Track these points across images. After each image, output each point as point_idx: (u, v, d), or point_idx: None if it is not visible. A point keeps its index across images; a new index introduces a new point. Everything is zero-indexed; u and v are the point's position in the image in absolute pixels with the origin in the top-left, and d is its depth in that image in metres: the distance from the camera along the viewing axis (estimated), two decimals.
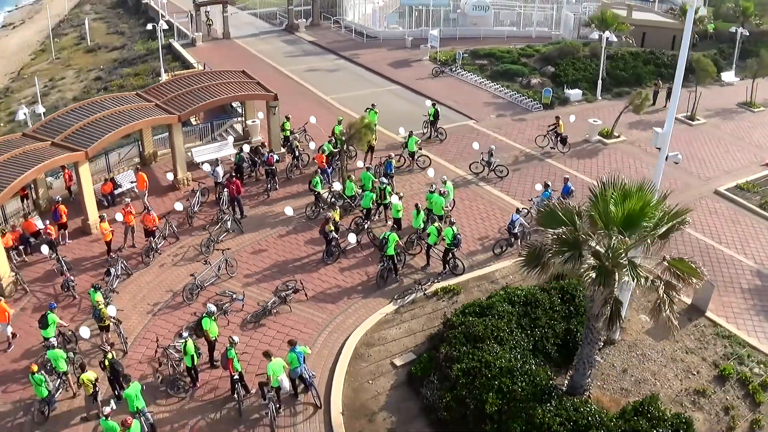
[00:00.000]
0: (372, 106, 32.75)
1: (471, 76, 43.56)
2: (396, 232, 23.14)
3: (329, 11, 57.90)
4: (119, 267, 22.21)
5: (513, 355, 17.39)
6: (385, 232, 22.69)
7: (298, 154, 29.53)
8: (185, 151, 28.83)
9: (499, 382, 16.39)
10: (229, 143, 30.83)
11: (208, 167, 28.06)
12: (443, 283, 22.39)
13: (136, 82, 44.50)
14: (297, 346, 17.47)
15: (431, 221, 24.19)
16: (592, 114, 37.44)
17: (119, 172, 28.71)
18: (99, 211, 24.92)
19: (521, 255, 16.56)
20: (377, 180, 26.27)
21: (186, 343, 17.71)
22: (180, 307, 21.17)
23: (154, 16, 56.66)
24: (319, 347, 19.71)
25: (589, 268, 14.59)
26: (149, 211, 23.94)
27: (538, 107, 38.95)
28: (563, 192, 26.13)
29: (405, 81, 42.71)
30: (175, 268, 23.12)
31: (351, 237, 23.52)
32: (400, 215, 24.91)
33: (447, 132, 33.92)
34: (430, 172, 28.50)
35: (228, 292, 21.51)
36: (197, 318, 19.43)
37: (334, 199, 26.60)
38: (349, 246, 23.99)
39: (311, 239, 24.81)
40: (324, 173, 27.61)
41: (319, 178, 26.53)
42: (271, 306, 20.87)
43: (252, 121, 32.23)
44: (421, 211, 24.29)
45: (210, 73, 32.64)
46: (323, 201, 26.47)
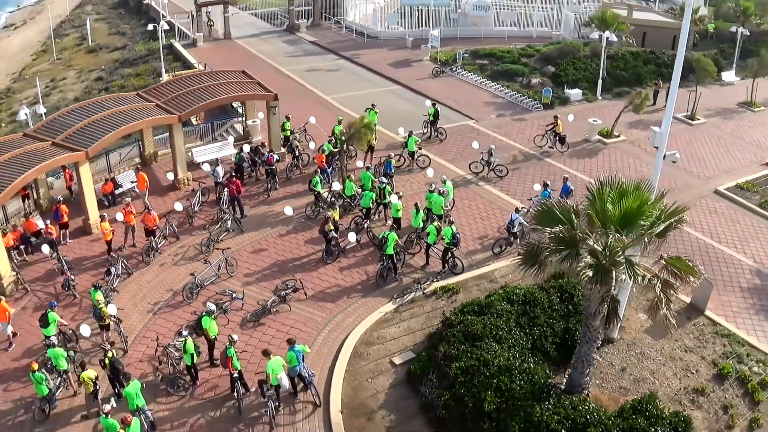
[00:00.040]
0: (372, 106, 32.81)
1: (471, 76, 43.58)
2: (395, 231, 23.16)
3: (330, 11, 57.96)
4: (120, 266, 22.29)
5: (511, 354, 17.39)
6: (385, 231, 22.74)
7: (298, 153, 29.59)
8: (186, 151, 28.91)
9: (498, 380, 16.42)
10: (230, 143, 30.91)
11: (207, 167, 28.15)
12: (442, 282, 22.43)
13: (137, 82, 44.51)
14: (296, 344, 17.53)
15: (430, 221, 24.23)
16: (592, 114, 37.46)
17: (120, 172, 28.77)
18: (99, 211, 24.98)
19: (520, 254, 16.61)
20: (377, 179, 26.33)
21: (186, 342, 17.79)
22: (180, 306, 21.24)
23: (155, 16, 56.64)
24: (319, 346, 19.77)
25: (586, 266, 14.60)
26: (150, 211, 24.01)
27: (538, 107, 38.97)
28: (562, 191, 26.14)
29: (405, 81, 42.72)
30: (176, 267, 23.20)
31: (351, 236, 23.56)
32: (399, 215, 24.95)
33: (447, 132, 33.96)
34: (429, 171, 28.55)
35: (228, 291, 21.58)
36: (197, 317, 19.50)
37: (333, 199, 26.66)
38: (349, 245, 24.04)
39: (311, 239, 24.88)
40: (324, 173, 27.67)
41: (319, 177, 26.59)
42: (271, 305, 20.93)
43: (252, 121, 32.31)
44: (421, 211, 24.33)
45: (210, 74, 32.69)
46: (323, 200, 26.52)
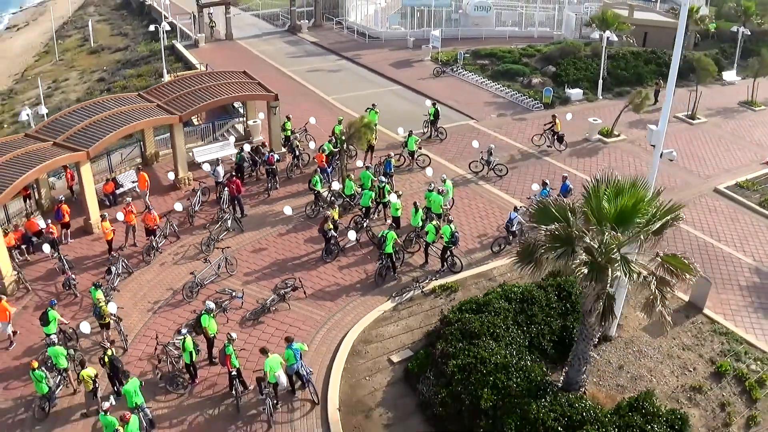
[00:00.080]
0: (372, 105, 32.90)
1: (472, 75, 43.64)
2: (395, 230, 23.22)
3: (332, 12, 58.09)
4: (120, 265, 22.40)
5: (508, 352, 17.44)
6: (384, 230, 22.83)
7: (298, 153, 29.69)
8: (186, 151, 29.04)
9: (495, 378, 16.47)
10: (231, 143, 31.02)
11: (208, 167, 28.27)
12: (441, 281, 22.51)
13: (139, 83, 44.67)
14: (294, 342, 17.62)
15: (429, 219, 24.30)
16: (592, 113, 37.48)
17: (121, 172, 28.91)
18: (100, 211, 25.11)
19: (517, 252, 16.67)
20: (376, 179, 26.42)
21: (185, 340, 17.89)
22: (180, 305, 21.34)
23: (157, 17, 56.70)
24: (318, 344, 19.86)
25: (581, 263, 14.65)
26: (150, 210, 24.14)
27: (538, 107, 39.00)
28: (562, 190, 26.18)
29: (406, 81, 42.79)
30: (176, 266, 23.31)
31: (351, 234, 23.64)
32: (398, 214, 25.02)
33: (447, 131, 34.02)
34: (428, 171, 28.62)
35: (228, 290, 21.68)
36: (197, 315, 19.60)
37: (333, 198, 26.75)
38: (348, 244, 24.13)
39: (311, 238, 24.97)
40: (324, 172, 27.76)
41: (319, 177, 26.68)
42: (270, 303, 21.02)
43: (253, 121, 32.43)
44: (420, 210, 24.41)
45: (211, 74, 32.84)
46: (323, 200, 26.61)
